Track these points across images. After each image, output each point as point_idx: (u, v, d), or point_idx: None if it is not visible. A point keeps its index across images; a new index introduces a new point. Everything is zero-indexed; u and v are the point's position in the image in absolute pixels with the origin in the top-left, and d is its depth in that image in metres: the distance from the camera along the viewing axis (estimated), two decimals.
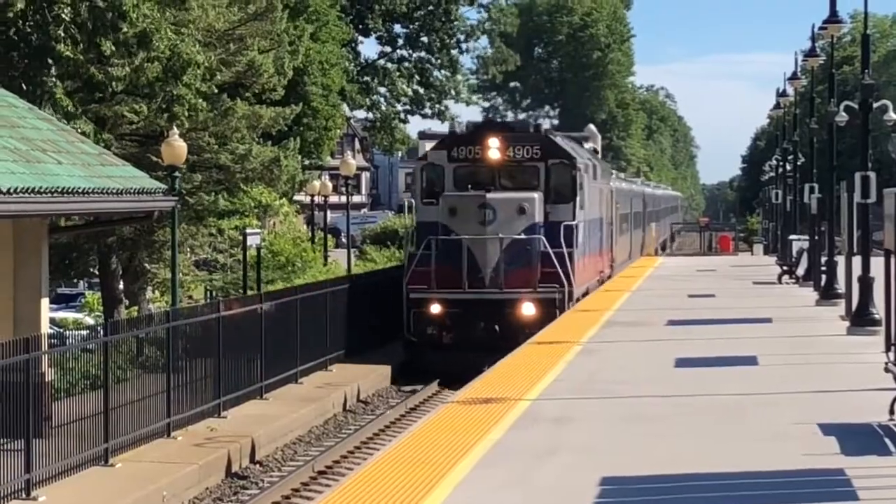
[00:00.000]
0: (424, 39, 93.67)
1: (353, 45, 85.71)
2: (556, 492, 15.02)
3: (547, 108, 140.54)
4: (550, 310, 37.83)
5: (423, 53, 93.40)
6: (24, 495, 20.51)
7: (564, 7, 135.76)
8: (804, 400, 21.43)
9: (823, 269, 41.40)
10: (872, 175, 30.63)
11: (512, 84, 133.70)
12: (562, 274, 38.46)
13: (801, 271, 51.34)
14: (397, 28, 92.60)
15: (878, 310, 28.80)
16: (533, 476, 15.93)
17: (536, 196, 39.53)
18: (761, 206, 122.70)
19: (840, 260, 37.29)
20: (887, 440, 17.96)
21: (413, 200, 43.59)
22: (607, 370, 25.28)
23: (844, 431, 18.42)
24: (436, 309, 38.57)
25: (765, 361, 26.44)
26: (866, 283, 31.31)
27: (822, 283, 41.05)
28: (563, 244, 38.99)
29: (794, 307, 39.25)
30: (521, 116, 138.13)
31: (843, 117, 41.62)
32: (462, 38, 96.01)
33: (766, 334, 31.84)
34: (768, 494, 14.72)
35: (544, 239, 38.75)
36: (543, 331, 34.18)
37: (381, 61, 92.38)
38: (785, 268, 54.84)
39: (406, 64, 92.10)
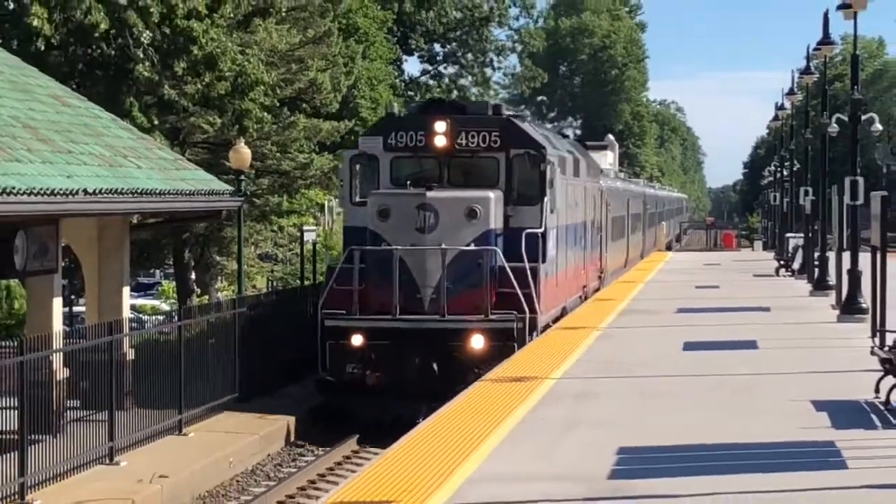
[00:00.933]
0: (460, 57, 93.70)
1: (399, 63, 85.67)
2: (578, 461, 14.97)
3: (570, 119, 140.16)
4: (506, 343, 26.06)
5: (458, 69, 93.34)
6: (108, 461, 20.68)
7: (586, 30, 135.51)
8: (799, 379, 21.35)
9: (816, 263, 41.31)
10: (861, 180, 30.60)
11: (539, 98, 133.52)
12: (522, 296, 26.44)
13: (796, 265, 51.22)
14: (436, 47, 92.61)
15: (865, 300, 28.77)
16: (557, 447, 15.90)
17: (492, 196, 27.28)
18: (761, 207, 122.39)
19: (831, 255, 37.15)
20: (873, 416, 17.88)
21: (345, 201, 29.59)
22: (623, 353, 25.22)
23: (835, 408, 18.35)
24: (358, 340, 26.32)
25: (764, 345, 26.36)
26: (855, 275, 31.27)
27: (815, 275, 40.95)
28: (526, 257, 26.93)
29: (789, 297, 39.14)
30: (548, 127, 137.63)
31: (834, 128, 41.65)
32: (494, 56, 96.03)
33: (764, 321, 31.75)
34: (767, 463, 14.66)
35: (499, 251, 26.92)
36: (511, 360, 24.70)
37: (423, 78, 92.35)
38: (782, 262, 54.72)
39: (445, 80, 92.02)
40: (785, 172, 72.14)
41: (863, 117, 34.15)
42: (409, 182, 27.78)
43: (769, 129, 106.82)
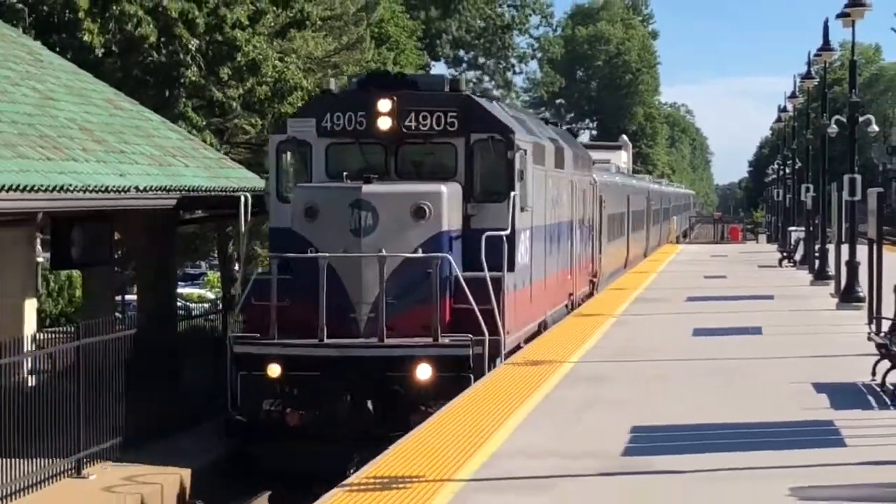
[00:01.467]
0: (484, 63, 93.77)
1: (427, 69, 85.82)
2: (594, 437, 15.00)
3: (587, 121, 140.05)
4: (461, 374, 19.35)
5: (481, 74, 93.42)
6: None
7: (602, 38, 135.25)
8: (801, 363, 21.32)
9: (817, 255, 41.25)
10: (858, 177, 30.64)
11: (558, 101, 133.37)
12: (480, 314, 19.67)
13: (798, 257, 51.18)
14: (462, 53, 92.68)
15: (863, 289, 28.74)
16: (575, 424, 15.92)
17: (444, 190, 20.46)
18: (765, 203, 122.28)
19: (831, 247, 37.10)
20: (870, 397, 17.86)
21: (271, 196, 22.27)
22: (636, 338, 25.20)
23: (834, 389, 18.34)
24: (275, 371, 19.48)
25: (768, 331, 26.33)
26: (853, 266, 31.27)
27: (816, 266, 40.90)
28: (487, 265, 20.26)
29: (792, 286, 39.04)
30: (564, 129, 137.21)
31: (833, 129, 41.61)
32: (515, 62, 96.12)
33: (768, 309, 31.69)
34: (771, 441, 14.66)
35: (451, 258, 20.07)
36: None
37: None
38: (785, 254, 54.62)
39: (470, 85, 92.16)
40: (787, 170, 71.95)
41: (860, 119, 34.14)
42: (345, 174, 20.74)
43: (772, 130, 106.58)
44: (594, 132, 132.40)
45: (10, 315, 22.36)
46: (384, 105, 21.20)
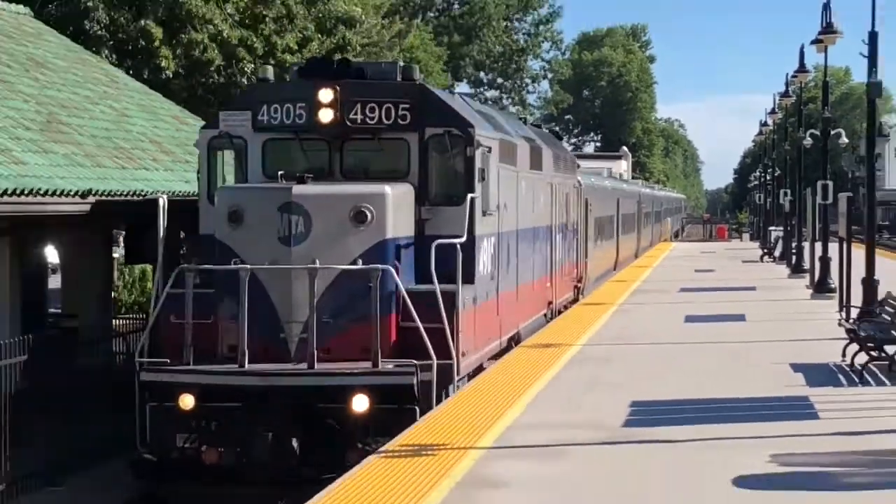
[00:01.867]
0: (502, 83, 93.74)
1: (451, 89, 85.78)
2: (599, 411, 15.01)
3: (592, 134, 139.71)
4: (403, 407, 14.86)
5: (499, 93, 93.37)
6: None
7: (605, 62, 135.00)
8: (779, 346, 21.27)
9: (793, 251, 41.12)
10: (830, 184, 30.61)
11: (566, 117, 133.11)
12: (427, 334, 15.22)
13: (777, 253, 50.98)
14: (482, 75, 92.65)
15: (834, 281, 28.65)
16: (582, 400, 15.93)
17: (388, 192, 16.02)
18: (748, 206, 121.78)
19: (806, 245, 36.99)
20: (840, 376, 17.82)
21: (201, 198, 17.33)
22: (636, 324, 25.15)
23: (809, 369, 18.29)
24: (188, 402, 14.92)
25: (751, 318, 26.25)
26: (825, 261, 31.23)
27: (793, 261, 40.77)
28: (436, 277, 15.68)
29: (772, 279, 38.91)
30: (573, 143, 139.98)
31: (808, 141, 41.53)
32: (529, 82, 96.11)
33: (751, 298, 31.59)
34: (753, 414, 14.65)
35: (393, 270, 15.62)
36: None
37: None
38: (765, 250, 54.42)
39: (489, 103, 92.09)
40: (768, 177, 71.72)
41: (832, 132, 34.15)
42: (280, 174, 16.06)
43: (755, 142, 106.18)
44: (598, 144, 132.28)
45: None
46: (325, 95, 16.47)
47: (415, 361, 15.02)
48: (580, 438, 13.31)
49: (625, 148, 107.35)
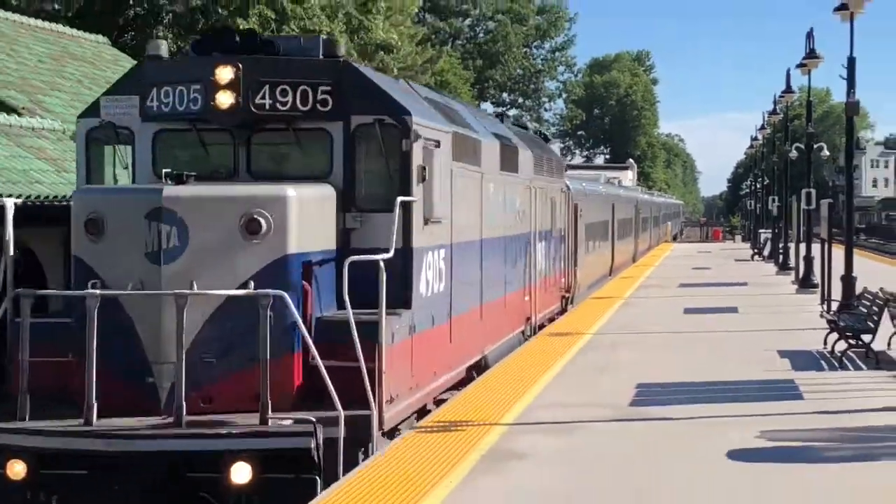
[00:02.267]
0: (522, 102, 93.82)
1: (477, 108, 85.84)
2: (608, 391, 14.99)
3: (601, 147, 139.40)
4: (299, 476, 9.60)
5: (519, 111, 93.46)
6: None
7: (614, 84, 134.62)
8: (768, 335, 21.19)
9: (781, 251, 41.02)
10: (813, 191, 30.61)
11: (579, 132, 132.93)
12: (327, 377, 9.95)
13: (766, 253, 50.86)
14: (505, 95, 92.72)
15: (816, 278, 28.56)
16: (593, 381, 15.90)
17: (291, 194, 10.76)
18: (740, 211, 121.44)
19: (791, 245, 36.88)
20: (822, 361, 17.74)
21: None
22: (641, 315, 25.10)
23: (794, 355, 18.23)
24: (19, 470, 9.57)
25: (742, 310, 26.17)
26: (809, 260, 31.17)
27: (780, 260, 40.68)
28: (350, 303, 10.35)
29: (761, 276, 38.75)
30: (585, 155, 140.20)
31: (794, 154, 41.40)
32: (546, 101, 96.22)
33: (743, 293, 31.47)
34: (745, 395, 14.60)
35: (287, 297, 10.10)
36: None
37: None
38: (756, 250, 54.28)
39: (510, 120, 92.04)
40: (758, 185, 71.46)
41: (815, 146, 34.06)
42: (165, 173, 11.15)
43: (746, 155, 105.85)
44: (607, 156, 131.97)
45: None
46: (224, 74, 11.51)
47: (314, 417, 9.98)
48: (591, 416, 13.29)
49: (631, 160, 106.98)
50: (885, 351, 17.81)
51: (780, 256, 40.75)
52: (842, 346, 18.06)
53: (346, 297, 10.59)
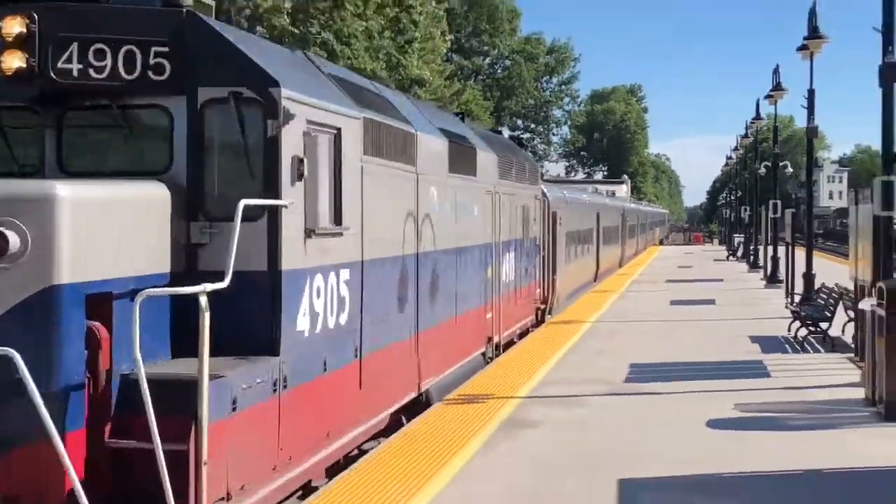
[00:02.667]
0: (534, 128, 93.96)
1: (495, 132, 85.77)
2: (605, 371, 14.97)
3: (600, 165, 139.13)
4: None
5: (531, 136, 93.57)
6: None
7: (611, 112, 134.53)
8: (741, 323, 21.12)
9: (751, 252, 40.86)
10: (779, 202, 30.63)
11: (582, 153, 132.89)
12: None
13: (739, 254, 50.65)
14: (519, 122, 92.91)
15: (781, 275, 28.46)
16: (592, 362, 15.88)
17: (59, 195, 5.23)
18: (717, 218, 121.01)
19: (761, 248, 36.74)
20: (787, 345, 17.67)
21: None
22: (633, 306, 25.06)
23: (763, 340, 18.17)
24: None
25: (719, 302, 26.07)
26: (775, 259, 31.10)
27: (751, 260, 40.52)
28: (158, 354, 5.80)
29: (735, 273, 38.58)
30: (586, 172, 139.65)
31: (762, 171, 41.18)
32: (554, 126, 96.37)
33: (719, 287, 31.34)
34: (721, 373, 14.55)
35: (16, 354, 4.56)
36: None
37: None
38: (730, 252, 54.05)
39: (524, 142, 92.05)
40: (732, 197, 71.21)
41: (780, 164, 34.06)
42: None
43: (722, 171, 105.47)
44: (605, 173, 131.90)
45: None
46: (10, 27, 7.05)
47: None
48: (591, 390, 13.30)
49: (625, 176, 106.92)
50: (840, 336, 17.75)
51: (751, 257, 40.60)
52: (803, 332, 18.03)
53: (137, 349, 5.93)
